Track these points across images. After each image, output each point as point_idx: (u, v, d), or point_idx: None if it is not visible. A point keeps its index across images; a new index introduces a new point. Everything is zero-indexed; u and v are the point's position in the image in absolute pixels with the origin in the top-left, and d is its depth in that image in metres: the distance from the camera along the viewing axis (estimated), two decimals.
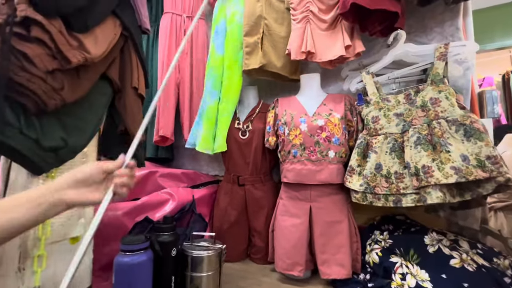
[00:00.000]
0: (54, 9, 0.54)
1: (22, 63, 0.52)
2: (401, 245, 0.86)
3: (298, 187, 0.99)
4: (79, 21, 0.61)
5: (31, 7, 0.52)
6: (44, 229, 0.61)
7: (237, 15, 1.20)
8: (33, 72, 0.53)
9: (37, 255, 0.59)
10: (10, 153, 0.53)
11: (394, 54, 0.95)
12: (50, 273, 0.61)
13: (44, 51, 0.54)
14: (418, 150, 0.76)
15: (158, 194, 1.06)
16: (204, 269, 0.79)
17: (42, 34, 0.53)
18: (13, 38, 0.51)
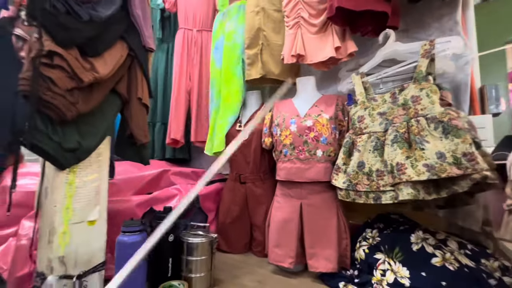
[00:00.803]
0: (70, 42, 0.71)
1: (48, 84, 0.69)
2: (387, 243, 0.87)
3: (290, 184, 1.05)
4: (91, 48, 0.77)
5: (54, 42, 0.69)
6: (68, 212, 0.78)
7: (234, 33, 1.32)
8: (56, 91, 0.69)
9: (62, 232, 0.76)
10: (41, 153, 0.70)
11: (383, 53, 0.96)
12: (71, 247, 0.77)
13: (64, 74, 0.71)
14: (394, 148, 0.78)
15: (168, 189, 1.21)
16: (197, 254, 0.90)
17: (61, 62, 0.70)
18: (41, 66, 0.68)
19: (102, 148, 0.85)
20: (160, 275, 0.87)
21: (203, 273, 0.90)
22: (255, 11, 1.28)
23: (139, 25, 0.93)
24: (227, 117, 1.30)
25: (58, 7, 0.69)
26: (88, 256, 0.80)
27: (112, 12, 0.83)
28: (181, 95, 1.48)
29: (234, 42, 1.35)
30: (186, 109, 1.50)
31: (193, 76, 1.50)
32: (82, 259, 0.79)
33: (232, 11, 1.40)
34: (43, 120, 0.70)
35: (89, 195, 0.82)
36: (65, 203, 0.77)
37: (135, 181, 1.21)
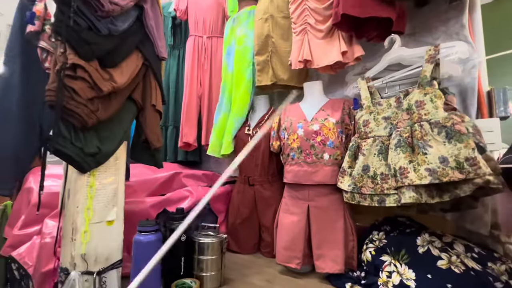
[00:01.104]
0: (91, 55, 0.77)
1: (71, 94, 0.75)
2: (393, 245, 0.89)
3: (297, 187, 1.08)
4: (109, 60, 0.83)
5: (77, 56, 0.75)
6: (89, 213, 0.84)
7: (245, 37, 1.36)
8: (78, 100, 0.75)
9: (84, 231, 0.82)
10: (64, 157, 0.76)
11: (388, 59, 0.98)
12: (92, 245, 0.83)
13: (85, 84, 0.77)
14: (397, 152, 0.79)
15: (180, 191, 1.26)
16: (208, 253, 0.94)
17: (83, 74, 0.75)
18: (65, 78, 0.74)
19: (119, 152, 0.91)
20: (173, 273, 0.91)
21: (213, 272, 0.94)
22: (263, 18, 1.32)
23: (153, 36, 0.98)
24: (234, 120, 1.34)
25: (81, 23, 0.75)
26: (107, 254, 0.86)
27: (129, 25, 0.88)
28: (193, 100, 1.53)
29: (245, 46, 1.39)
30: (197, 114, 1.56)
31: (204, 82, 1.56)
32: (101, 257, 0.85)
33: (242, 16, 1.44)
34: (67, 127, 0.76)
35: (107, 197, 0.88)
36: (86, 204, 0.83)
37: (149, 183, 1.27)
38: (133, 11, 0.92)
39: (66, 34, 0.71)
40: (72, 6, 0.70)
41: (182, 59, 1.73)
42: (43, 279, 0.93)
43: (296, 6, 1.18)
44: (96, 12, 0.78)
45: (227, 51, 1.43)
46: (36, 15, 0.93)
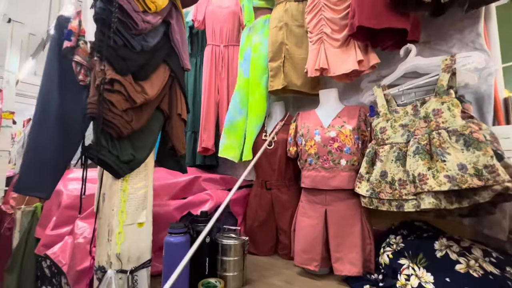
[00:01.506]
0: (126, 70, 0.83)
1: (109, 106, 0.81)
2: (411, 249, 0.91)
3: (315, 191, 1.12)
4: (141, 73, 0.89)
5: (114, 71, 0.81)
6: (122, 215, 0.90)
7: (260, 45, 1.41)
8: (115, 112, 0.82)
9: (118, 232, 0.88)
10: (102, 164, 0.83)
11: (404, 67, 1.01)
12: (126, 245, 0.89)
13: (121, 97, 0.83)
14: (416, 159, 0.82)
15: (200, 194, 1.32)
16: (231, 254, 0.99)
17: (120, 87, 0.82)
18: (104, 92, 0.80)
19: (148, 159, 0.97)
20: (198, 273, 0.97)
21: (236, 272, 0.99)
22: (278, 27, 1.37)
23: (178, 49, 1.04)
24: (253, 126, 1.39)
25: (117, 41, 0.81)
26: (138, 254, 0.92)
27: (158, 40, 0.95)
28: (211, 107, 1.60)
29: (260, 53, 1.44)
30: (215, 120, 1.62)
31: (222, 89, 1.62)
32: (133, 256, 0.91)
33: (258, 25, 1.50)
34: (104, 137, 0.82)
35: (138, 200, 0.94)
36: (120, 207, 0.89)
37: (170, 187, 1.33)
38: (161, 27, 0.98)
39: (105, 52, 0.78)
40: (112, 27, 0.77)
41: (199, 67, 1.80)
42: (78, 277, 1.00)
43: (313, 16, 1.22)
44: (131, 30, 0.84)
45: (243, 57, 1.49)
46: (73, 32, 1.01)
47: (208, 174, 1.52)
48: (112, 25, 0.77)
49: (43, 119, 1.00)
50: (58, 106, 1.00)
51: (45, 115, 1.00)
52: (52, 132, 0.98)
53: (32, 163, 0.95)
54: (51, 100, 1.01)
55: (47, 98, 1.01)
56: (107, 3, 0.78)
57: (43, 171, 0.96)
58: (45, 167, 0.96)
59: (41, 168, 0.96)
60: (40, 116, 1.00)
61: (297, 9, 1.35)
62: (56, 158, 0.97)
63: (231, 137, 1.47)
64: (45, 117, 1.00)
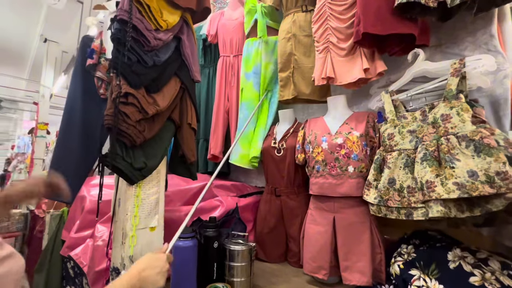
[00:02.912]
0: (140, 84, 0.90)
1: (124, 118, 0.88)
2: (422, 259, 0.88)
3: (323, 198, 1.11)
4: (153, 87, 0.96)
5: (128, 85, 0.88)
6: (135, 219, 0.96)
7: (270, 65, 1.47)
8: (129, 122, 0.88)
9: (131, 236, 0.94)
10: (117, 171, 0.89)
11: (412, 72, 1.00)
12: (138, 248, 0.94)
13: (135, 109, 0.90)
14: (423, 166, 0.80)
15: (211, 201, 1.36)
16: (238, 260, 1.01)
17: (133, 100, 0.89)
18: (120, 104, 0.87)
19: (160, 166, 1.03)
20: (207, 277, 0.99)
21: (243, 278, 1.00)
22: (286, 38, 1.40)
23: (189, 62, 1.11)
24: (261, 134, 1.42)
25: (132, 58, 0.88)
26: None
27: (169, 55, 1.02)
28: (220, 115, 1.65)
29: (270, 70, 1.51)
30: (225, 128, 1.67)
31: (231, 97, 1.67)
32: None
33: (270, 44, 1.55)
34: (119, 146, 0.89)
35: (150, 206, 0.99)
36: (134, 212, 0.95)
37: (183, 193, 1.39)
38: (172, 42, 1.05)
39: (120, 68, 0.85)
40: (126, 45, 0.84)
41: (212, 77, 1.87)
42: (97, 277, 1.07)
43: (319, 25, 1.24)
44: (144, 47, 0.91)
45: (252, 70, 1.54)
46: (95, 51, 1.11)
47: (219, 181, 1.55)
48: (127, 43, 0.84)
49: (68, 129, 1.10)
50: (81, 118, 1.10)
51: (69, 125, 1.10)
52: (75, 141, 1.07)
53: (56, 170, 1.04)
54: (75, 112, 1.11)
55: (72, 110, 1.12)
56: (123, 24, 0.86)
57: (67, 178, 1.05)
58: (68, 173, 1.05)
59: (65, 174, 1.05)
60: (65, 126, 1.10)
61: (304, 19, 1.38)
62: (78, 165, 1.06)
63: (245, 147, 1.51)
64: (69, 127, 1.10)
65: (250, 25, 1.61)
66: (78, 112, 1.12)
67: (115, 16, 0.85)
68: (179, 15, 1.07)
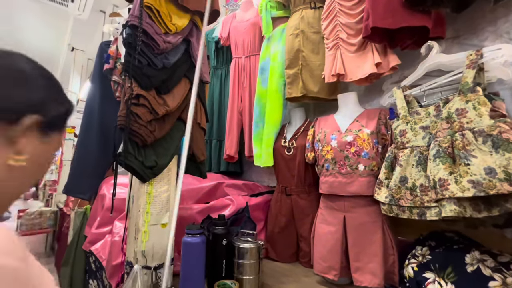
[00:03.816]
0: (150, 86, 0.94)
1: (135, 118, 0.92)
2: (438, 262, 0.83)
3: (333, 198, 1.09)
4: (163, 88, 0.99)
5: (139, 87, 0.93)
6: (147, 216, 1.00)
7: (278, 54, 1.45)
8: (140, 123, 0.92)
9: (144, 231, 0.97)
10: (130, 169, 0.94)
11: (425, 66, 0.95)
12: (150, 243, 0.98)
13: (146, 110, 0.94)
14: (436, 163, 0.76)
15: (222, 199, 1.38)
16: (247, 258, 1.01)
17: (144, 101, 0.93)
18: (131, 106, 0.92)
19: (171, 165, 1.06)
20: (216, 274, 1.01)
21: (252, 275, 1.00)
22: (294, 34, 1.39)
23: None
24: (271, 133, 1.42)
25: (142, 61, 0.93)
26: (161, 252, 1.00)
27: (178, 57, 1.05)
28: (234, 116, 1.67)
29: (278, 62, 1.48)
30: (239, 128, 1.69)
31: (244, 98, 1.69)
32: (157, 255, 0.99)
33: (276, 34, 1.54)
34: (132, 145, 0.93)
35: (162, 203, 1.03)
36: (146, 208, 0.99)
37: (195, 192, 1.42)
38: (181, 45, 1.08)
39: (132, 71, 0.89)
40: (137, 49, 0.89)
41: (225, 78, 1.91)
42: (114, 271, 1.12)
43: (328, 22, 1.23)
44: (154, 50, 0.95)
45: (262, 67, 1.54)
46: (111, 56, 1.17)
47: (231, 180, 1.57)
48: (137, 47, 0.88)
49: (87, 131, 1.17)
50: (99, 120, 1.17)
51: (88, 127, 1.17)
52: (94, 142, 1.14)
53: (76, 169, 1.11)
54: (94, 114, 1.18)
55: (91, 113, 1.19)
56: (134, 29, 0.90)
57: (85, 176, 1.11)
58: (87, 172, 1.12)
59: (84, 173, 1.11)
60: (85, 128, 1.17)
61: (313, 16, 1.36)
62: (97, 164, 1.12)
63: (257, 146, 1.51)
64: (88, 129, 1.17)
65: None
66: (96, 115, 1.19)
67: (126, 22, 0.90)
68: (188, 18, 1.10)
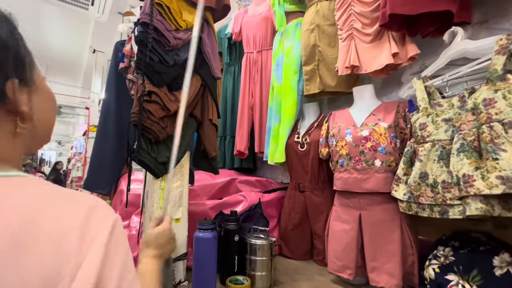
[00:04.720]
0: (162, 83, 0.95)
1: (148, 115, 0.94)
2: (462, 264, 0.78)
3: (348, 194, 1.05)
4: (174, 84, 1.00)
5: (151, 84, 0.94)
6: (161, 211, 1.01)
7: (293, 49, 1.42)
8: (153, 119, 0.94)
9: None
10: (143, 165, 0.96)
11: (449, 54, 0.89)
12: None
13: (158, 106, 0.95)
14: (460, 158, 0.71)
15: (235, 196, 1.38)
16: (259, 254, 1.01)
17: (156, 98, 0.94)
18: (144, 102, 0.93)
19: (184, 161, 1.07)
20: (228, 270, 1.01)
21: (264, 272, 1.00)
22: (310, 29, 1.35)
23: (209, 60, 1.13)
24: (285, 129, 1.39)
25: (153, 58, 0.94)
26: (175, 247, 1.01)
27: None
28: (245, 111, 1.66)
29: (292, 57, 1.45)
30: (249, 124, 1.67)
31: (255, 93, 1.67)
32: None
33: (290, 29, 1.51)
34: (145, 141, 0.95)
35: (175, 198, 1.04)
36: (160, 204, 1.00)
37: (209, 188, 1.43)
38: None
39: (144, 68, 0.90)
40: (148, 46, 0.90)
41: (238, 74, 1.90)
42: None
43: (342, 12, 1.18)
44: (165, 47, 0.96)
45: (276, 63, 1.51)
46: (125, 55, 1.20)
47: (244, 176, 1.57)
48: (148, 44, 0.89)
49: (104, 129, 1.21)
50: (116, 118, 1.20)
51: (105, 125, 1.21)
52: (111, 139, 1.18)
53: (94, 165, 1.15)
54: (110, 111, 1.22)
55: (107, 111, 1.23)
56: (145, 27, 0.91)
57: (103, 172, 1.15)
58: (104, 168, 1.16)
59: (101, 169, 1.15)
60: (102, 126, 1.21)
61: (328, 8, 1.32)
62: (113, 160, 1.16)
63: (273, 143, 1.50)
64: (105, 127, 1.21)
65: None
66: (113, 113, 1.22)
67: (138, 20, 0.91)
68: None
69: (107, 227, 0.34)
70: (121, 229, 0.37)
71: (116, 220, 0.36)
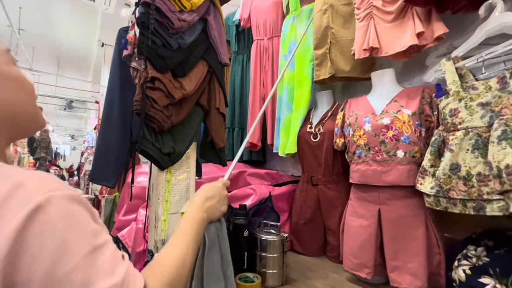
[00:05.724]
0: (165, 68, 0.89)
1: (151, 103, 0.88)
2: (499, 265, 0.70)
3: (366, 188, 0.98)
4: (179, 70, 0.94)
5: (155, 70, 0.88)
6: (167, 204, 0.97)
7: (308, 36, 1.32)
8: (157, 107, 0.88)
9: (163, 220, 0.95)
10: (148, 156, 0.90)
11: (485, 30, 0.78)
12: (170, 232, 0.95)
13: (162, 94, 0.89)
14: (502, 147, 0.62)
15: (244, 189, 1.32)
16: (270, 251, 0.95)
17: (160, 85, 0.88)
18: (147, 90, 0.87)
19: (190, 152, 1.02)
20: (237, 266, 0.95)
21: (275, 269, 0.94)
22: (322, 10, 1.26)
23: (216, 45, 1.06)
24: (298, 119, 1.32)
25: (156, 42, 0.87)
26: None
27: (195, 37, 0.98)
28: (256, 102, 1.59)
29: (306, 45, 1.36)
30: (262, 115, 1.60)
31: (267, 82, 1.59)
32: None
33: (303, 14, 1.41)
34: (148, 131, 0.89)
35: (181, 191, 0.99)
36: (165, 197, 0.96)
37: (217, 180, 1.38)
38: (198, 24, 1.01)
39: (146, 52, 0.84)
40: (150, 28, 0.83)
41: (246, 63, 1.82)
42: (137, 258, 1.13)
43: None
44: (168, 30, 0.89)
45: (288, 50, 1.42)
46: (129, 41, 1.14)
47: (253, 169, 1.51)
48: (150, 26, 0.83)
49: (108, 119, 1.16)
50: (120, 107, 1.15)
51: (110, 114, 1.16)
52: (115, 130, 1.13)
53: (100, 157, 1.11)
54: (114, 101, 1.17)
55: (111, 100, 1.18)
56: (147, 7, 0.85)
57: (108, 164, 1.11)
58: (110, 160, 1.12)
59: (107, 161, 1.11)
60: (106, 117, 1.16)
61: None
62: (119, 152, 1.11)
63: (284, 135, 1.42)
64: (109, 117, 1.16)
65: (287, 1, 1.49)
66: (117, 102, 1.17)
67: (139, 0, 0.84)
68: None
69: (25, 210, 0.29)
70: (57, 212, 0.30)
71: (47, 201, 0.30)
